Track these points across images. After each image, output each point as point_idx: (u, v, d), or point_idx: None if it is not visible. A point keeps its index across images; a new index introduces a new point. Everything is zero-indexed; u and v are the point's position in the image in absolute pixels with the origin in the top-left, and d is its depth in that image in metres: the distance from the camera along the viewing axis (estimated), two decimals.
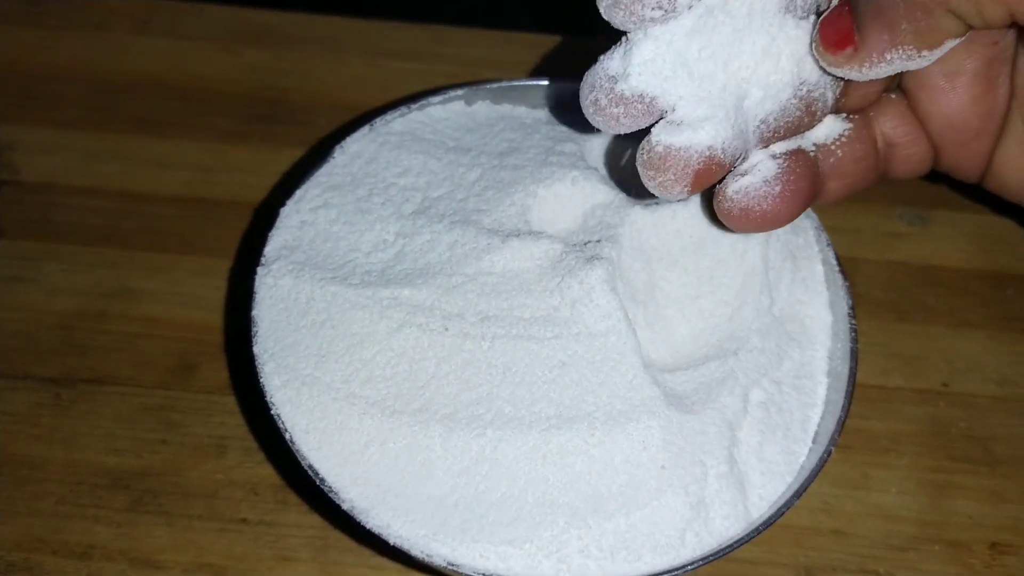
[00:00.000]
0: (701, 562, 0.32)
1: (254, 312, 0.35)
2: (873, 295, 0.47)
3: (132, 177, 0.49)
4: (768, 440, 0.35)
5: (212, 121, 0.51)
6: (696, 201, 0.37)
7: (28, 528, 0.39)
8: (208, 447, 0.41)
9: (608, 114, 0.30)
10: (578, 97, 0.42)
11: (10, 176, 0.49)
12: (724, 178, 0.31)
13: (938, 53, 0.29)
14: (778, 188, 0.31)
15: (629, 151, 0.39)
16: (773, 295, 0.37)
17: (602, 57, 0.30)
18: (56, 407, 0.42)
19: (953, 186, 0.51)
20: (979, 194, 0.51)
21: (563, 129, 0.40)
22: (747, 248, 0.36)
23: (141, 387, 0.43)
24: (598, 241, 0.35)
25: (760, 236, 0.37)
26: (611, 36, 0.33)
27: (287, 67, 0.54)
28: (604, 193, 0.37)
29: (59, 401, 0.42)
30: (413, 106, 0.41)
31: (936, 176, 0.51)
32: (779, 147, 0.31)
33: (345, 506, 0.32)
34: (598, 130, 0.40)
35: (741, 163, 0.31)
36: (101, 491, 0.40)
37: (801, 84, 0.30)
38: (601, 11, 0.29)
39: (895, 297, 0.47)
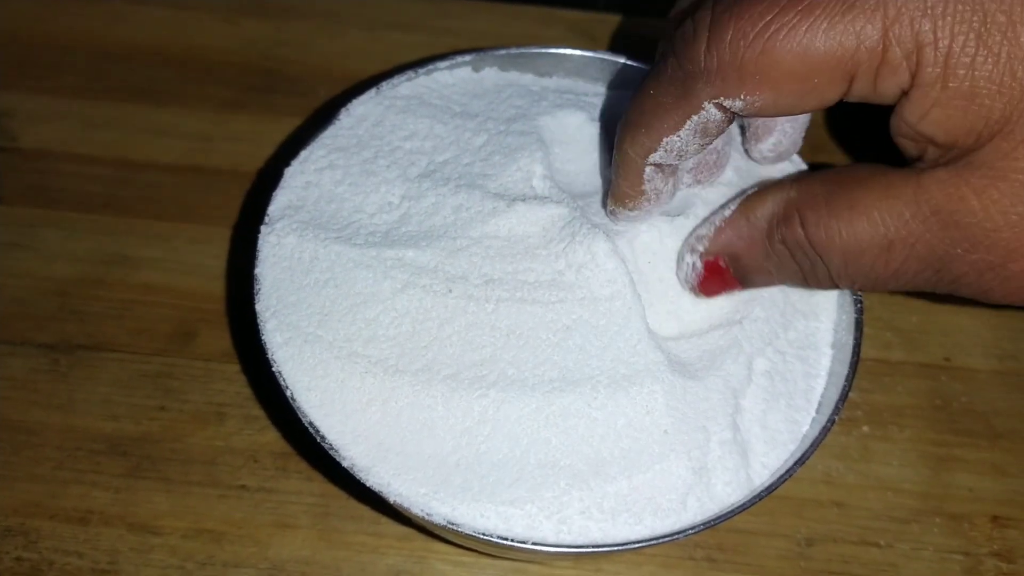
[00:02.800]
0: (702, 526, 0.32)
1: (257, 270, 0.35)
2: None
3: (130, 145, 0.49)
4: (772, 408, 0.35)
5: (210, 91, 0.51)
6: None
7: (25, 493, 0.38)
8: (207, 414, 0.41)
9: None
10: (584, 65, 0.42)
11: (8, 143, 0.48)
12: None
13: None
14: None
15: None
16: None
17: None
18: (54, 373, 0.41)
19: None
20: None
21: (570, 97, 0.40)
22: None
23: (139, 354, 0.42)
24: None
25: None
26: (610, 9, 0.33)
27: (286, 38, 0.53)
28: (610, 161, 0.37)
29: (57, 367, 0.42)
30: (420, 71, 0.40)
31: None
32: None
33: (345, 464, 0.31)
34: (606, 97, 0.41)
35: None
36: (99, 457, 0.39)
37: None
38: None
39: None
